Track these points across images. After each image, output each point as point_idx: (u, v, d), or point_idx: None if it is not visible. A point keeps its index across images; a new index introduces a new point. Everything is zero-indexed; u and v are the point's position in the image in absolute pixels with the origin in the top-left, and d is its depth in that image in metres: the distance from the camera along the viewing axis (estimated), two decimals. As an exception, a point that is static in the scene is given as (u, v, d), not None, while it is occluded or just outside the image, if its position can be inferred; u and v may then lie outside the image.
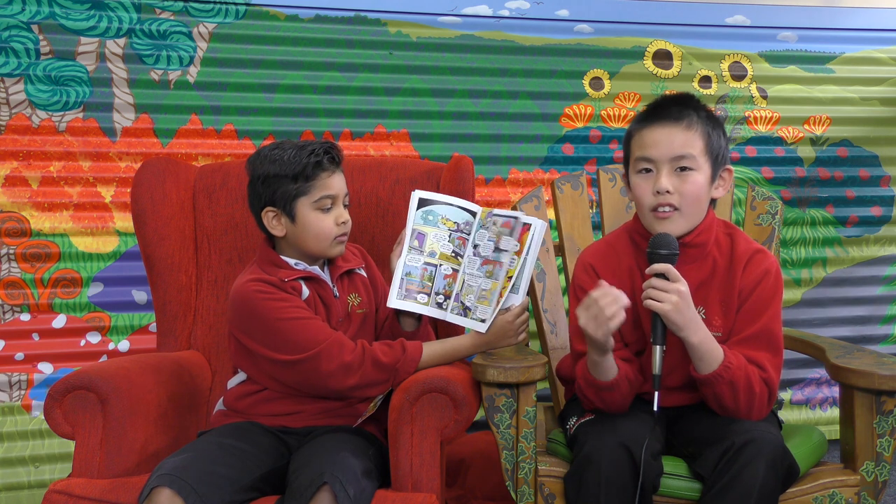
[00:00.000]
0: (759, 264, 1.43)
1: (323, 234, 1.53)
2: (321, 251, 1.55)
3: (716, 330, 1.41)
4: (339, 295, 1.59)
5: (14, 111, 2.17)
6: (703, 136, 1.40)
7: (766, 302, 1.41)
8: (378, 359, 1.46)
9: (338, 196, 1.54)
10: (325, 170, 1.52)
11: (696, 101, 1.45)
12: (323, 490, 1.24)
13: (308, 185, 1.51)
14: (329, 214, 1.53)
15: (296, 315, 1.48)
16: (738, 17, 2.57)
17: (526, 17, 2.44)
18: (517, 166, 2.45)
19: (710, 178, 1.42)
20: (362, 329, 1.61)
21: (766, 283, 1.42)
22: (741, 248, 1.45)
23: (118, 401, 1.44)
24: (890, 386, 1.35)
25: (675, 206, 1.39)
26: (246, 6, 2.29)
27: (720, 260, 1.45)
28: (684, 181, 1.39)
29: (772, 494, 1.27)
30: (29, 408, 2.18)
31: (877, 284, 2.66)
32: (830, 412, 2.62)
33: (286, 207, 1.52)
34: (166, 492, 1.22)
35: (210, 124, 2.29)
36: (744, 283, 1.42)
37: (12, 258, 2.18)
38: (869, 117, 2.65)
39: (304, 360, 1.45)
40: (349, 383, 1.45)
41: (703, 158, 1.40)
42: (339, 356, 1.45)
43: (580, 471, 1.30)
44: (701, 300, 1.42)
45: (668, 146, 1.39)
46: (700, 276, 1.44)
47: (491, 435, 1.44)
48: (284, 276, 1.52)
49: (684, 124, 1.40)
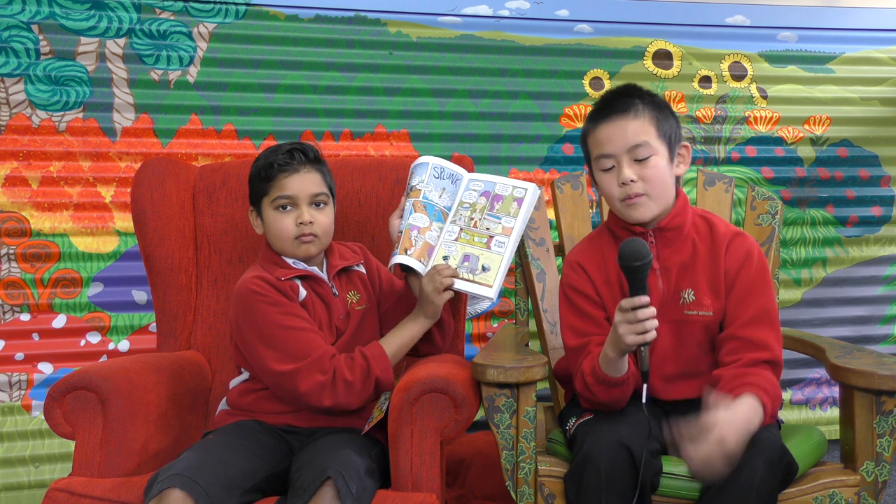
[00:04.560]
0: (741, 246, 1.47)
1: (283, 234, 1.55)
2: (285, 251, 1.57)
3: (706, 310, 1.44)
4: (338, 293, 1.60)
5: (14, 111, 2.17)
6: (651, 120, 1.44)
7: (756, 283, 1.44)
8: (345, 377, 1.46)
9: (296, 196, 1.55)
10: (282, 171, 1.54)
11: (639, 90, 1.49)
12: (326, 485, 1.24)
13: (268, 186, 1.55)
14: (287, 214, 1.55)
15: (288, 324, 1.48)
16: (738, 17, 2.57)
17: (526, 17, 2.44)
18: (517, 166, 2.45)
19: (668, 159, 1.46)
20: (363, 326, 1.62)
21: (751, 264, 1.45)
22: (720, 230, 1.49)
23: (118, 401, 1.44)
24: (890, 386, 1.35)
25: (642, 193, 1.43)
26: (246, 6, 2.29)
27: (700, 243, 1.48)
28: (645, 167, 1.43)
29: (771, 493, 1.27)
30: (29, 408, 2.18)
31: (877, 284, 2.66)
32: (830, 412, 2.62)
33: (257, 207, 1.59)
34: (177, 493, 1.22)
35: (210, 124, 2.29)
36: (728, 265, 1.46)
37: (12, 258, 2.18)
38: (869, 117, 2.65)
39: (286, 374, 1.45)
40: (326, 403, 1.45)
41: (658, 142, 1.44)
42: (315, 376, 1.45)
43: (580, 469, 1.31)
44: (688, 282, 1.46)
45: (623, 138, 1.43)
46: (681, 258, 1.47)
47: (491, 435, 1.44)
48: (282, 276, 1.53)
49: (632, 114, 1.44)
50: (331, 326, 1.57)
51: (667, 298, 1.46)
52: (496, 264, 1.56)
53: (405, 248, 1.57)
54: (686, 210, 1.50)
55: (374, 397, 1.51)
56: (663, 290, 1.46)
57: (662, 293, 1.46)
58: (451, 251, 1.59)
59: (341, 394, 1.45)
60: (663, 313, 1.41)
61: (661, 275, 1.47)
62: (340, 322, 1.58)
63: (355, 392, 1.46)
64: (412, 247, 1.57)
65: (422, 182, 1.64)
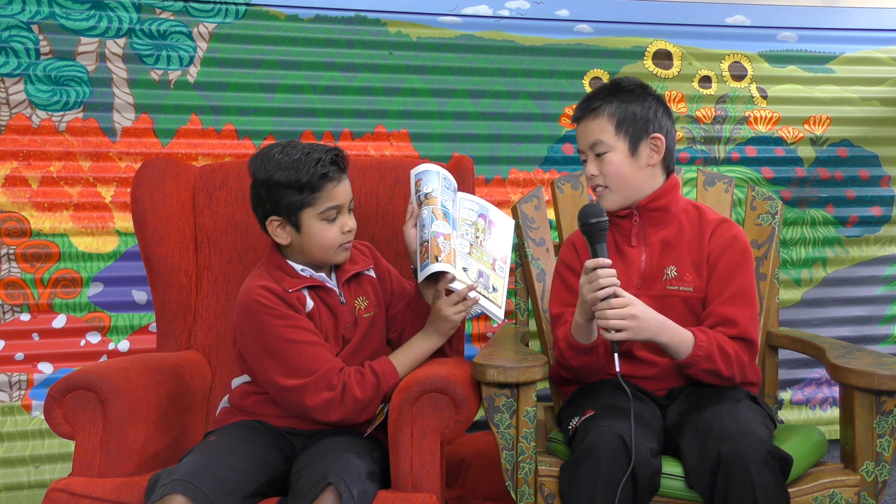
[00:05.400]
0: (726, 231, 1.56)
1: (328, 244, 1.50)
2: (325, 259, 1.53)
3: (687, 285, 1.54)
4: (345, 301, 1.57)
5: (14, 111, 2.17)
6: (610, 119, 1.55)
7: (737, 265, 1.53)
8: (356, 395, 1.44)
9: (343, 205, 1.51)
10: (331, 180, 1.47)
11: (607, 90, 1.58)
12: (327, 490, 1.24)
13: (314, 197, 1.47)
14: (335, 224, 1.50)
15: (295, 338, 1.45)
16: (738, 17, 2.57)
17: (526, 17, 2.44)
18: (517, 166, 2.45)
19: (628, 153, 1.54)
20: (370, 333, 1.59)
21: (735, 247, 1.54)
22: (708, 217, 1.59)
23: (118, 401, 1.44)
24: (890, 386, 1.35)
25: (603, 186, 1.57)
26: (246, 6, 2.29)
27: (688, 225, 1.58)
28: (603, 163, 1.55)
29: (776, 492, 1.27)
30: (29, 408, 2.18)
31: (877, 284, 2.66)
32: (830, 412, 2.62)
33: (291, 218, 1.48)
34: (180, 499, 1.22)
35: (210, 124, 2.29)
36: (711, 248, 1.55)
37: (12, 258, 2.18)
38: (869, 117, 2.65)
39: (293, 389, 1.44)
40: (333, 419, 1.44)
41: (615, 139, 1.54)
42: (322, 393, 1.43)
43: (579, 460, 1.31)
44: (672, 259, 1.56)
45: (585, 137, 1.58)
46: (667, 234, 1.57)
47: (491, 435, 1.44)
48: (289, 287, 1.49)
49: (593, 115, 1.57)
50: (337, 336, 1.54)
51: (650, 273, 1.56)
52: (501, 286, 1.59)
53: (435, 255, 1.49)
54: (674, 193, 1.59)
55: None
56: (646, 264, 1.56)
57: (645, 268, 1.56)
58: (469, 264, 1.56)
59: (350, 409, 1.44)
60: (647, 287, 1.55)
61: (645, 251, 1.57)
62: (347, 331, 1.56)
63: (364, 408, 1.46)
64: (441, 253, 1.50)
65: (436, 190, 1.60)
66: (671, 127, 1.59)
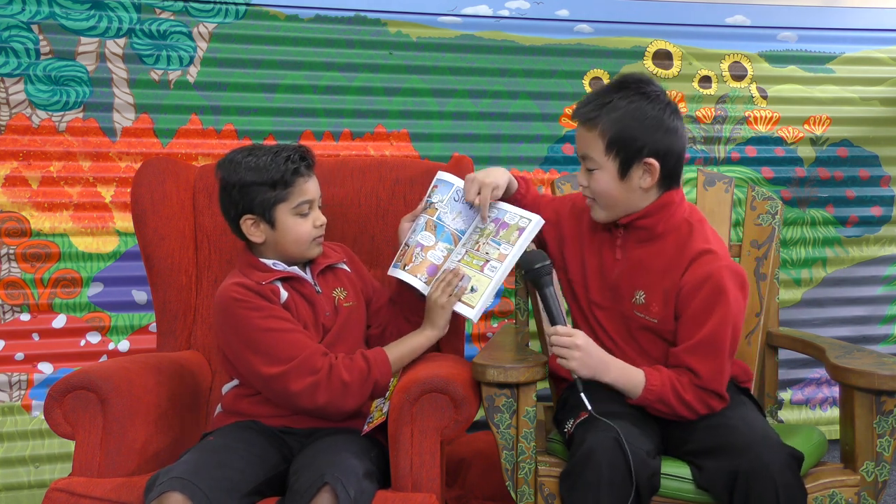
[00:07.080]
0: (701, 268, 1.41)
1: (302, 238, 1.55)
2: (300, 254, 1.57)
3: (653, 316, 1.46)
4: (321, 290, 1.60)
5: (14, 111, 2.17)
6: (603, 135, 1.43)
7: (707, 309, 1.39)
8: (342, 378, 1.45)
9: (314, 200, 1.56)
10: (301, 175, 1.53)
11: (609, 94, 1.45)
12: (324, 490, 1.24)
13: (287, 192, 1.52)
14: (307, 219, 1.55)
15: (272, 326, 1.47)
16: (738, 17, 2.57)
17: (526, 17, 2.44)
18: (517, 166, 2.45)
19: (616, 175, 1.45)
20: (350, 321, 1.61)
21: (705, 289, 1.39)
22: (693, 245, 1.45)
23: (118, 401, 1.44)
24: (890, 386, 1.35)
25: (592, 198, 1.51)
26: (246, 6, 2.29)
27: (671, 249, 1.46)
28: (591, 178, 1.49)
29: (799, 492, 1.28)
30: (29, 408, 2.18)
31: (877, 284, 2.66)
32: (830, 412, 2.62)
33: (265, 214, 1.52)
34: (177, 496, 1.22)
35: (210, 124, 2.29)
36: (683, 283, 1.42)
37: (12, 258, 2.18)
38: (869, 117, 2.65)
39: (275, 377, 1.44)
40: (320, 402, 1.44)
41: (605, 157, 1.44)
42: (305, 377, 1.44)
43: (581, 466, 1.30)
44: (644, 283, 1.48)
45: (579, 146, 1.51)
46: (647, 255, 1.49)
47: (491, 435, 1.44)
48: (262, 280, 1.52)
49: (587, 126, 1.46)
50: (317, 325, 1.56)
51: (620, 290, 1.50)
52: (483, 287, 1.56)
53: (405, 263, 1.61)
54: (664, 212, 1.47)
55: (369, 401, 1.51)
56: (618, 279, 1.51)
57: (616, 282, 1.51)
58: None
59: (336, 392, 1.44)
60: (615, 301, 1.51)
61: (622, 265, 1.51)
62: (327, 319, 1.57)
63: (351, 393, 1.46)
64: (411, 263, 1.61)
65: (441, 202, 1.65)
66: (675, 142, 1.44)
